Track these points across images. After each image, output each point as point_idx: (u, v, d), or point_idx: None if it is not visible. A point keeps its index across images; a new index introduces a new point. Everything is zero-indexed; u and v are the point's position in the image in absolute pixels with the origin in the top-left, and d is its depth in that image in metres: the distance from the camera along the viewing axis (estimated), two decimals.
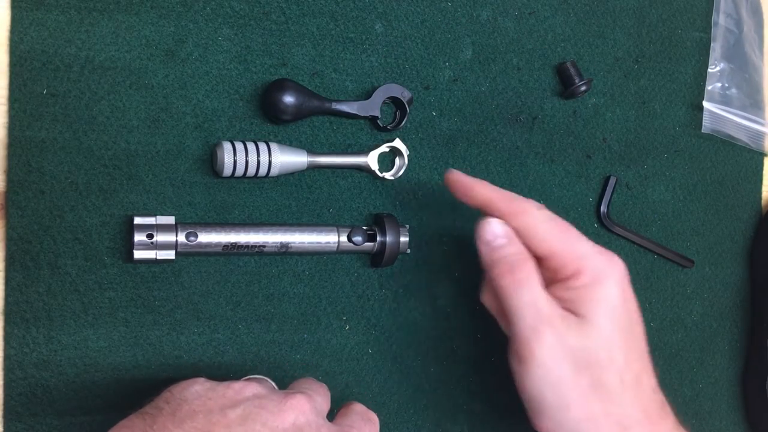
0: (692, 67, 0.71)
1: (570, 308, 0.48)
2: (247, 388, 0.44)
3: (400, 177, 0.60)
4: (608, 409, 0.47)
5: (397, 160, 0.60)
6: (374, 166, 0.58)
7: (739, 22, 0.72)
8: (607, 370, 0.47)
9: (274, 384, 0.48)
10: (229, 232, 0.53)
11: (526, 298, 0.47)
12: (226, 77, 0.55)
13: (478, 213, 0.63)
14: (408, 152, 0.60)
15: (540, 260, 0.49)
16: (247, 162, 0.53)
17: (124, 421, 0.43)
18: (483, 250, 0.50)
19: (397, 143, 0.59)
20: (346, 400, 0.59)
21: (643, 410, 0.48)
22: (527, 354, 0.47)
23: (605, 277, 0.48)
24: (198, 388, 0.44)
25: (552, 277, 0.49)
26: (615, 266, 0.49)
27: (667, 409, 0.50)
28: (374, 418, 0.47)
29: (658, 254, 0.69)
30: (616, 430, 0.47)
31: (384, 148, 0.59)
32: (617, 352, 0.47)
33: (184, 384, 0.44)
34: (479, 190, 0.52)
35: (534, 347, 0.47)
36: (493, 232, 0.50)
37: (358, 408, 0.47)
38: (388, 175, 0.59)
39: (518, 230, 0.50)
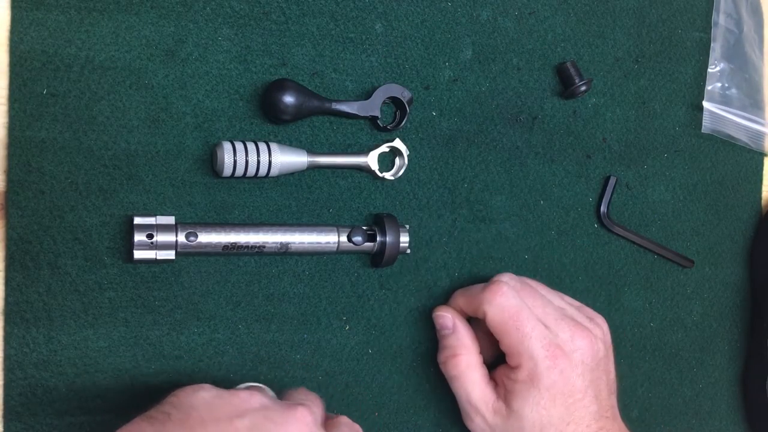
0: (692, 67, 0.71)
1: (505, 398, 0.56)
2: (253, 398, 0.45)
3: (400, 177, 0.60)
4: None
5: (397, 160, 0.60)
6: (374, 166, 0.58)
7: (739, 22, 0.72)
8: None
9: (272, 393, 0.48)
10: (229, 232, 0.53)
11: (461, 390, 0.57)
12: (226, 77, 0.55)
13: (478, 213, 0.63)
14: (408, 152, 0.60)
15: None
16: (247, 162, 0.53)
17: (130, 425, 0.43)
18: (439, 335, 0.60)
19: (397, 143, 0.59)
20: (346, 400, 0.59)
21: None
22: (466, 424, 0.58)
23: (538, 382, 0.54)
24: (205, 394, 0.44)
25: (505, 358, 0.57)
26: (552, 368, 0.54)
27: None
28: (359, 430, 0.50)
29: (658, 254, 0.69)
30: None
31: (384, 148, 0.59)
32: None
33: (189, 389, 0.45)
34: (453, 304, 0.60)
35: (468, 425, 0.58)
36: (441, 323, 0.59)
37: (345, 420, 0.49)
38: (388, 175, 0.59)
39: (480, 320, 0.57)
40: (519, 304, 0.55)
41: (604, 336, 0.58)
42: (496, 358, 0.59)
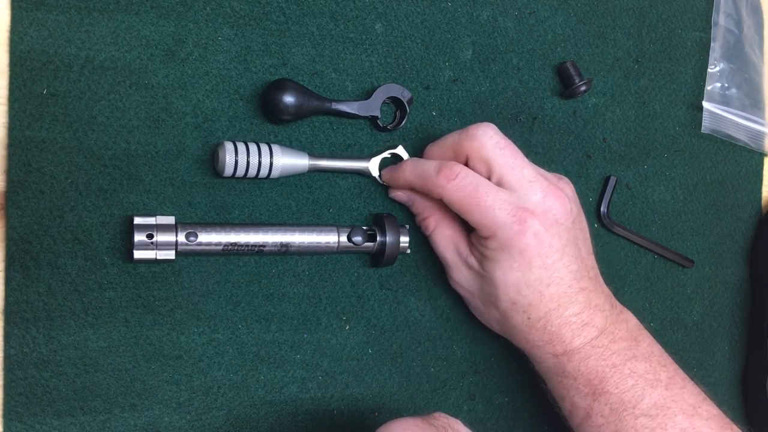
0: (692, 67, 0.71)
1: (480, 262, 0.56)
2: None
3: None
4: (519, 334, 0.56)
5: None
6: (375, 172, 0.58)
7: (739, 22, 0.72)
8: (511, 311, 0.55)
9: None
10: (229, 232, 0.53)
11: (438, 247, 0.59)
12: (226, 77, 0.55)
13: None
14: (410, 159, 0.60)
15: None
16: (248, 163, 0.53)
17: None
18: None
19: (400, 150, 0.59)
20: (346, 400, 0.59)
21: (551, 335, 0.55)
22: (450, 282, 0.60)
23: (510, 248, 0.53)
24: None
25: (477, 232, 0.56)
26: (522, 231, 0.53)
27: (590, 327, 0.55)
28: None
29: (658, 254, 0.69)
30: (525, 344, 0.57)
31: (386, 154, 0.59)
32: (519, 298, 0.54)
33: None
34: (402, 174, 0.58)
35: (451, 282, 0.60)
36: (400, 200, 0.60)
37: None
38: None
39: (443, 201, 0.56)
40: (474, 181, 0.54)
41: (574, 197, 0.57)
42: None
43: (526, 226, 0.53)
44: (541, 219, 0.53)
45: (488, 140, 0.54)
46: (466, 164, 0.55)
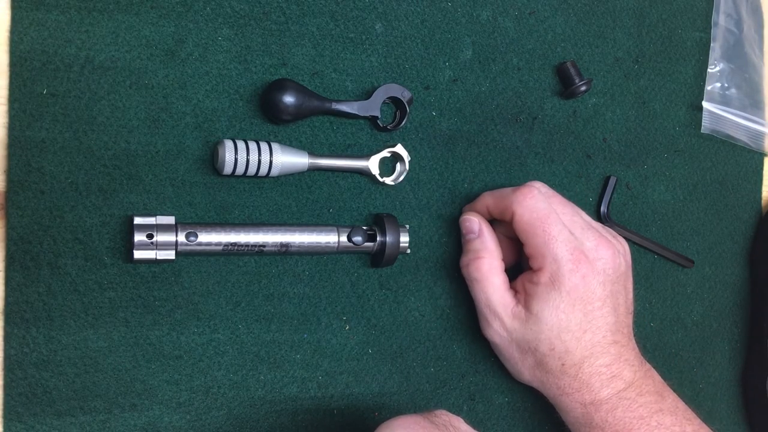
0: (692, 67, 0.71)
1: (526, 302, 0.56)
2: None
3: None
4: (551, 380, 0.57)
5: (398, 166, 0.60)
6: (375, 170, 0.58)
7: (739, 22, 0.72)
8: (548, 356, 0.56)
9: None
10: (229, 232, 0.53)
11: (481, 294, 0.58)
12: (226, 77, 0.55)
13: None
14: (409, 158, 0.60)
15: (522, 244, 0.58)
16: (248, 161, 0.53)
17: None
18: (463, 239, 0.61)
19: (399, 149, 0.59)
20: (346, 400, 0.59)
21: (581, 383, 0.55)
22: (483, 330, 0.59)
23: (559, 285, 0.55)
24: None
25: (527, 261, 0.58)
26: (574, 271, 0.55)
27: (619, 379, 0.56)
28: None
29: (658, 254, 0.69)
30: (556, 392, 0.57)
31: (385, 153, 0.59)
32: (558, 343, 0.55)
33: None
34: (479, 204, 0.60)
35: (485, 330, 0.59)
36: (467, 227, 0.60)
37: None
38: (388, 180, 0.59)
39: (506, 222, 0.58)
40: (548, 208, 0.56)
41: (626, 254, 0.59)
42: (516, 268, 0.61)
43: (578, 267, 0.55)
44: (591, 265, 0.55)
45: (534, 203, 0.56)
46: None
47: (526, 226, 0.56)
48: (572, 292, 0.55)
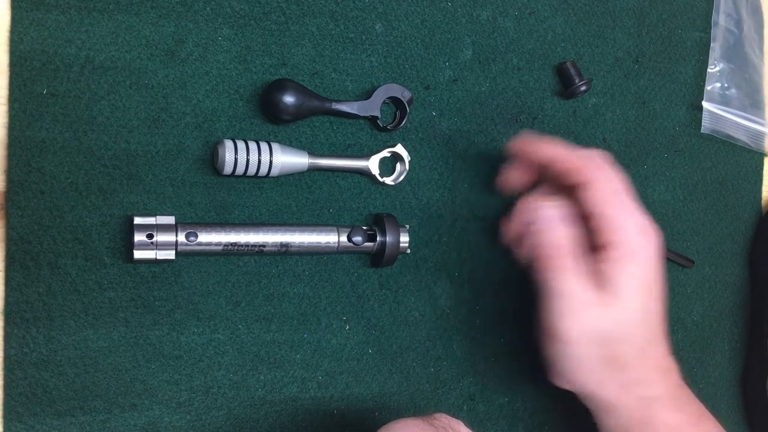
0: (692, 67, 0.71)
1: (600, 282, 0.52)
2: None
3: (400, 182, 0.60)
4: (615, 375, 0.53)
5: (398, 166, 0.60)
6: (375, 170, 0.58)
7: (739, 22, 0.72)
8: (624, 343, 0.53)
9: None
10: (229, 232, 0.53)
11: (561, 287, 0.52)
12: (226, 77, 0.55)
13: (478, 213, 0.63)
14: (409, 158, 0.60)
15: (586, 217, 0.54)
16: (248, 161, 0.53)
17: None
18: (533, 227, 0.55)
19: (399, 149, 0.59)
20: (346, 400, 0.59)
21: (647, 374, 0.54)
22: (555, 333, 0.53)
23: (635, 256, 0.52)
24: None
25: (593, 238, 0.54)
26: (648, 246, 0.53)
27: (673, 373, 0.55)
28: None
29: None
30: (617, 389, 0.53)
31: (385, 153, 0.59)
32: (635, 327, 0.53)
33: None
34: (544, 148, 0.56)
35: (561, 330, 0.53)
36: (547, 216, 0.54)
37: None
38: (388, 180, 0.59)
39: (576, 187, 0.54)
40: (622, 183, 0.54)
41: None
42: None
43: (649, 242, 0.53)
44: (656, 242, 0.54)
45: (614, 172, 0.54)
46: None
47: (605, 198, 0.53)
48: (645, 270, 0.53)
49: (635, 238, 0.53)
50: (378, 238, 0.57)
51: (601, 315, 0.52)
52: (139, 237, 0.51)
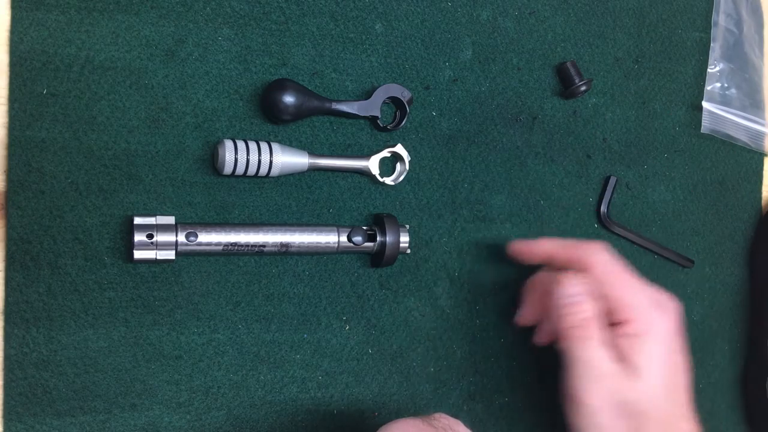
0: (692, 67, 0.71)
1: (622, 357, 0.53)
2: None
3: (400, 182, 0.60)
4: None
5: (398, 166, 0.60)
6: (375, 170, 0.58)
7: (739, 22, 0.72)
8: (648, 418, 0.52)
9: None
10: (229, 232, 0.53)
11: (587, 355, 0.53)
12: (226, 77, 0.55)
13: (479, 213, 0.63)
14: (409, 158, 0.60)
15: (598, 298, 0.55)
16: (248, 161, 0.53)
17: None
18: (557, 302, 0.55)
19: (399, 149, 0.59)
20: (346, 400, 0.59)
21: None
22: (578, 401, 0.53)
23: (652, 333, 0.53)
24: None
25: (608, 317, 0.55)
26: (664, 319, 0.54)
27: None
28: None
29: (658, 254, 0.69)
30: None
31: (385, 153, 0.59)
32: (660, 402, 0.53)
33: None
34: (540, 246, 0.59)
35: (585, 398, 0.53)
36: (572, 290, 0.55)
37: None
38: (388, 180, 0.59)
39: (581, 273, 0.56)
40: (620, 263, 0.56)
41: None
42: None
43: (662, 315, 0.54)
44: (672, 313, 0.55)
45: (613, 255, 0.56)
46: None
47: (611, 275, 0.55)
48: (665, 345, 0.54)
49: (648, 314, 0.54)
50: (378, 238, 0.57)
51: (624, 386, 0.53)
52: (139, 237, 0.51)
